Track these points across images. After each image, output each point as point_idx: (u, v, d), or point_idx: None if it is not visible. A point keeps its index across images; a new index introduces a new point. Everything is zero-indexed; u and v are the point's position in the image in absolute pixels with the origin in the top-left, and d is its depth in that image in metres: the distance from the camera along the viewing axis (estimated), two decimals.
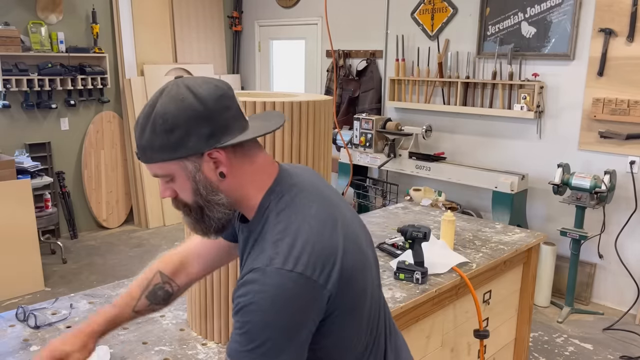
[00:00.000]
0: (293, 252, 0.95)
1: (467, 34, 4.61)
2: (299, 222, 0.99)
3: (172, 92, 0.98)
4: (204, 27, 6.24)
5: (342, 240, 1.01)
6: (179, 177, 1.01)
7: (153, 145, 0.97)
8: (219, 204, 1.02)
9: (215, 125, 0.97)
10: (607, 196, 3.69)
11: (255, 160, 1.04)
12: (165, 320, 1.71)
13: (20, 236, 4.06)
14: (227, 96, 1.00)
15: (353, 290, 1.02)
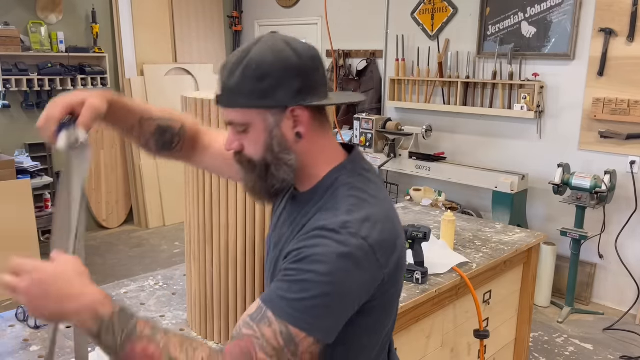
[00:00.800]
0: (366, 224, 0.93)
1: (467, 34, 4.60)
2: (370, 202, 0.98)
3: (269, 43, 0.96)
4: (204, 27, 6.24)
5: (400, 235, 1.02)
6: (255, 128, 0.98)
7: (241, 89, 0.95)
8: (287, 164, 0.99)
9: (305, 83, 0.96)
10: (607, 196, 3.69)
11: (328, 134, 1.04)
12: (165, 321, 1.71)
13: (20, 236, 4.06)
14: (318, 58, 1.00)
15: (395, 285, 1.03)
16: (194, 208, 1.58)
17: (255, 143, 0.99)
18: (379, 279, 0.95)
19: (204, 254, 1.58)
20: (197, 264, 1.61)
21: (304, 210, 1.03)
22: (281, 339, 0.88)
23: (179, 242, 5.30)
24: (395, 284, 1.02)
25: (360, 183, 1.01)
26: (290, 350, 0.89)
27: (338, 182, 1.01)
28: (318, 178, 1.02)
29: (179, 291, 1.93)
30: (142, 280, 2.02)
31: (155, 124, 1.20)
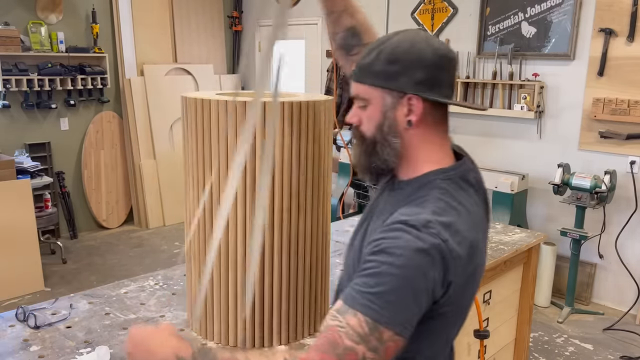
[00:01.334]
0: (447, 230, 0.96)
1: (467, 34, 4.60)
2: (459, 212, 1.00)
3: (411, 34, 1.05)
4: (204, 27, 6.24)
5: (479, 252, 1.03)
6: (373, 106, 1.06)
7: (371, 68, 1.04)
8: (391, 146, 1.05)
9: (428, 77, 1.02)
10: (607, 196, 3.69)
11: (440, 134, 1.08)
12: (165, 320, 1.71)
13: (20, 236, 4.06)
14: (451, 62, 1.05)
15: (462, 298, 1.04)
16: (194, 208, 1.58)
17: (369, 120, 1.07)
18: (445, 285, 0.97)
19: (204, 254, 1.58)
20: (197, 264, 1.61)
21: (394, 200, 1.08)
22: (366, 327, 0.91)
23: (179, 242, 5.30)
24: (463, 296, 1.03)
25: (455, 192, 1.03)
26: (375, 338, 0.92)
27: (434, 184, 1.03)
28: (417, 173, 1.07)
29: (179, 291, 1.93)
30: (142, 280, 2.02)
31: (351, 23, 1.32)
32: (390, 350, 0.94)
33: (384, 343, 0.92)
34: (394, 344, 0.94)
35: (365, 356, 0.92)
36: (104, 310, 1.77)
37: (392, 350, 0.94)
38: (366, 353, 0.91)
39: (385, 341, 0.93)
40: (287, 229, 1.53)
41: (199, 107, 1.49)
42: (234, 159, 1.20)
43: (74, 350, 1.52)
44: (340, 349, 0.91)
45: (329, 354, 0.91)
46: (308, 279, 1.62)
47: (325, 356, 0.91)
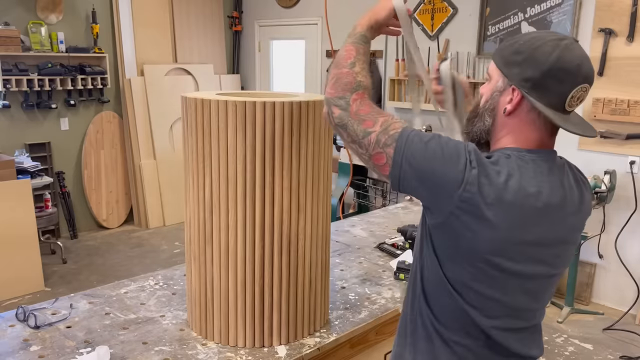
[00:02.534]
0: (491, 166, 1.08)
1: (467, 34, 4.61)
2: (510, 167, 1.10)
3: (550, 37, 1.11)
4: (203, 27, 6.24)
5: (522, 196, 1.09)
6: (491, 83, 1.18)
7: (503, 52, 1.15)
8: (484, 121, 1.18)
9: (536, 78, 1.09)
10: (607, 196, 3.69)
11: (535, 137, 1.16)
12: (165, 320, 1.71)
13: (20, 236, 4.06)
14: (572, 76, 1.09)
15: (483, 235, 1.08)
16: (194, 208, 1.58)
17: (484, 94, 1.20)
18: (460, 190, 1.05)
19: (204, 254, 1.58)
20: (197, 264, 1.61)
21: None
22: (393, 131, 1.12)
23: (179, 242, 5.31)
24: (461, 236, 1.09)
25: (519, 166, 1.11)
26: (385, 140, 1.11)
27: (502, 152, 1.14)
28: (495, 149, 1.19)
29: (179, 291, 1.93)
30: (142, 280, 2.03)
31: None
32: (380, 159, 1.12)
33: (384, 148, 1.11)
34: (385, 160, 1.11)
35: (371, 135, 1.13)
36: (104, 310, 1.77)
37: (381, 162, 1.12)
38: (373, 134, 1.13)
39: (386, 151, 1.11)
40: (287, 229, 1.53)
41: (199, 107, 1.49)
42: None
43: (74, 350, 1.52)
44: (375, 116, 1.15)
45: (370, 108, 1.17)
46: (308, 279, 1.62)
47: (367, 107, 1.17)
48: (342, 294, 1.90)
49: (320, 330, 1.67)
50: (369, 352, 1.79)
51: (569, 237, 1.19)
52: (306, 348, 1.56)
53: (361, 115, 1.15)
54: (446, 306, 1.17)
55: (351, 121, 1.15)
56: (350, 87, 1.19)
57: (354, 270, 2.12)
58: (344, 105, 1.17)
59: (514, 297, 1.15)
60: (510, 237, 1.09)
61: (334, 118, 1.18)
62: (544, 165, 1.16)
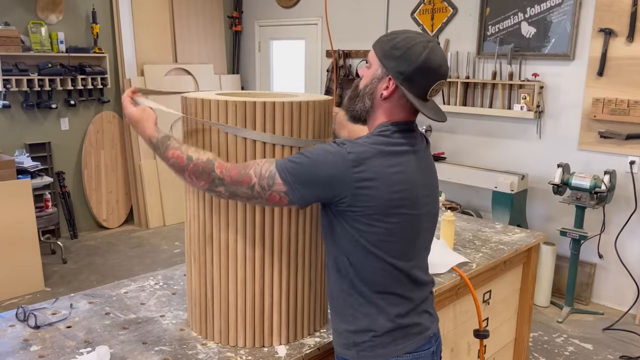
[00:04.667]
0: (356, 153, 1.30)
1: (467, 34, 4.61)
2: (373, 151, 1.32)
3: (423, 40, 1.35)
4: (204, 27, 6.24)
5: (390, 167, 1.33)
6: (371, 70, 1.41)
7: (384, 45, 1.38)
8: (363, 102, 1.42)
9: (408, 72, 1.33)
10: (607, 196, 3.69)
11: (404, 112, 1.40)
12: (165, 320, 1.72)
13: (20, 236, 4.07)
14: (434, 73, 1.34)
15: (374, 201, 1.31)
16: (194, 208, 1.58)
17: (365, 78, 1.42)
18: (347, 180, 1.28)
19: (204, 254, 1.58)
20: (197, 264, 1.61)
21: None
22: (268, 174, 1.32)
23: (179, 242, 5.31)
24: (372, 200, 1.30)
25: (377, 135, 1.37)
26: (268, 182, 1.31)
27: (373, 132, 1.39)
28: (372, 128, 1.42)
29: (179, 291, 1.93)
30: (142, 280, 2.03)
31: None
32: (274, 198, 1.32)
33: (272, 189, 1.31)
34: (279, 196, 1.32)
35: (255, 186, 1.32)
36: (104, 310, 1.77)
37: (276, 199, 1.33)
38: (257, 184, 1.32)
39: (274, 190, 1.31)
40: (287, 229, 1.53)
41: (199, 107, 1.49)
42: None
43: (74, 350, 1.52)
44: (245, 171, 1.33)
45: (237, 168, 1.35)
46: (308, 279, 1.62)
47: (234, 168, 1.35)
48: None
49: (320, 330, 1.67)
50: None
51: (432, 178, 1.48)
52: (306, 348, 1.56)
53: (235, 178, 1.34)
54: (376, 270, 1.38)
55: (233, 188, 1.34)
56: (207, 168, 1.36)
57: None
58: (219, 182, 1.35)
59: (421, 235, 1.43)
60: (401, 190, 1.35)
61: (224, 195, 1.38)
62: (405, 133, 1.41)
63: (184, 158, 1.38)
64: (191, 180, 1.39)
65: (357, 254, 1.37)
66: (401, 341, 1.40)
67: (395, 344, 1.40)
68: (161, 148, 1.43)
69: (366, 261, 1.36)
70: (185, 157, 1.37)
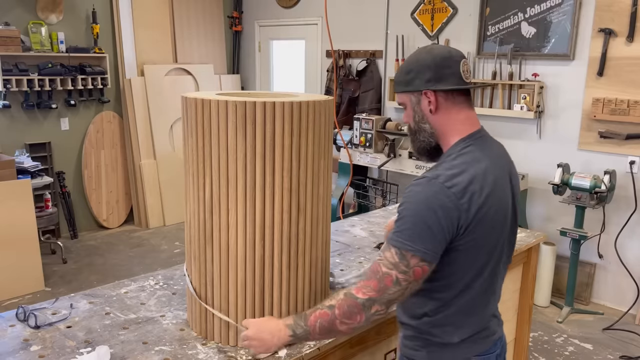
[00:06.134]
0: (452, 180, 1.29)
1: (467, 34, 4.61)
2: (464, 169, 1.32)
3: (419, 50, 1.42)
4: (204, 27, 6.24)
5: (476, 187, 1.31)
6: (407, 106, 1.45)
7: (397, 80, 1.45)
8: (425, 130, 1.43)
9: (434, 75, 1.37)
10: (607, 196, 3.69)
11: (461, 112, 1.40)
12: (165, 320, 1.72)
13: (21, 236, 4.07)
14: (452, 59, 1.38)
15: (478, 233, 1.31)
16: (194, 208, 1.58)
17: (409, 117, 1.46)
18: (456, 222, 1.27)
19: (204, 254, 1.58)
20: (197, 264, 1.61)
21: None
22: (396, 256, 1.28)
23: (179, 242, 5.31)
24: (475, 233, 1.30)
25: (468, 153, 1.36)
26: (404, 264, 1.28)
27: (452, 149, 1.39)
28: (449, 144, 1.41)
29: (179, 291, 1.93)
30: (142, 280, 2.03)
31: None
32: (418, 273, 1.28)
33: (411, 267, 1.27)
34: (421, 268, 1.28)
35: (398, 278, 1.28)
36: (104, 310, 1.77)
37: (420, 273, 1.29)
38: (398, 275, 1.28)
39: (412, 266, 1.27)
40: (287, 229, 1.53)
41: (199, 107, 1.49)
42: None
43: (74, 350, 1.52)
44: (379, 274, 1.29)
45: (371, 279, 1.30)
46: (308, 279, 1.62)
47: (370, 281, 1.30)
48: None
49: None
50: (369, 352, 1.79)
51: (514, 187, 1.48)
52: (306, 348, 1.56)
53: (378, 286, 1.29)
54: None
55: (385, 296, 1.30)
56: (350, 301, 1.32)
57: (354, 270, 2.12)
58: (370, 302, 1.31)
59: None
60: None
61: (382, 311, 1.32)
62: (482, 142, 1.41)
63: (326, 312, 1.35)
64: (347, 326, 1.34)
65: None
66: (471, 344, 1.44)
67: (465, 347, 1.44)
68: (303, 330, 1.39)
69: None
70: (327, 308, 1.35)
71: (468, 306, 1.41)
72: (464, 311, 1.41)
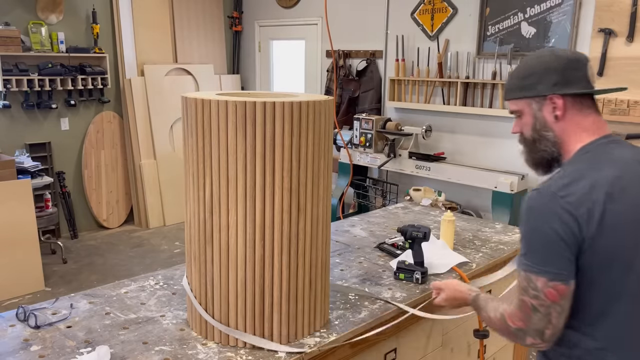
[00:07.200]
0: (566, 190, 1.20)
1: (467, 34, 4.61)
2: (581, 173, 1.23)
3: (538, 52, 1.35)
4: (204, 27, 6.24)
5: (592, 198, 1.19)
6: (525, 114, 1.35)
7: (512, 86, 1.36)
8: (547, 138, 1.33)
9: (561, 78, 1.28)
10: None
11: (588, 117, 1.31)
12: (165, 320, 1.72)
13: (21, 236, 4.07)
14: (579, 61, 1.30)
15: (604, 244, 1.19)
16: (194, 208, 1.58)
17: (526, 125, 1.36)
18: (578, 234, 1.17)
19: (204, 254, 1.58)
20: (197, 264, 1.61)
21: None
22: (524, 281, 1.22)
23: (179, 242, 5.31)
24: (599, 244, 1.18)
25: (583, 160, 1.27)
26: (532, 287, 1.21)
27: (575, 157, 1.29)
28: (571, 153, 1.31)
29: (179, 291, 1.93)
30: (142, 280, 2.03)
31: None
32: (552, 295, 1.19)
33: (540, 290, 1.19)
34: (553, 289, 1.19)
35: (532, 303, 1.21)
36: (104, 310, 1.77)
37: (555, 295, 1.19)
38: (532, 301, 1.21)
39: (541, 289, 1.19)
40: (287, 229, 1.53)
41: (199, 107, 1.49)
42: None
43: (74, 350, 1.52)
44: (518, 301, 1.24)
45: (516, 306, 1.25)
46: (308, 279, 1.62)
47: (516, 309, 1.25)
48: (342, 294, 1.91)
49: (320, 330, 1.67)
50: (369, 352, 1.79)
51: None
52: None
53: (522, 316, 1.24)
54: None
55: (532, 326, 1.22)
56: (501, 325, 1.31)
57: (354, 270, 2.12)
58: (522, 333, 1.25)
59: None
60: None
61: (541, 343, 1.25)
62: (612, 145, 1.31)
63: (496, 316, 1.34)
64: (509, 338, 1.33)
65: None
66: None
67: None
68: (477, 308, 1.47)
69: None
70: (497, 312, 1.34)
71: (610, 338, 1.24)
72: (608, 345, 1.24)
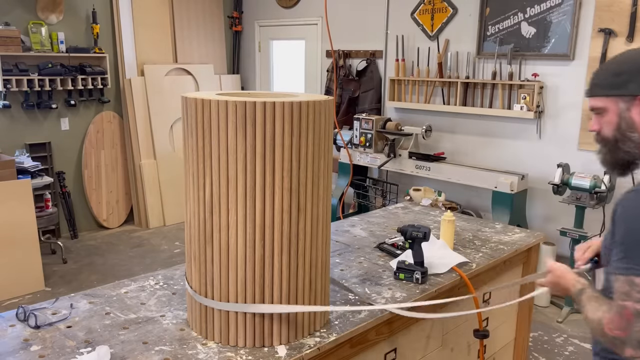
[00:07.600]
0: None
1: (467, 34, 4.61)
2: None
3: (631, 50, 1.29)
4: (204, 27, 6.24)
5: None
6: (609, 112, 1.31)
7: (600, 83, 1.31)
8: (632, 140, 1.29)
9: None
10: (607, 196, 3.69)
11: None
12: (166, 320, 1.72)
13: (21, 236, 4.07)
14: None
15: None
16: (194, 208, 1.58)
17: (608, 124, 1.33)
18: None
19: (204, 253, 1.58)
20: (197, 264, 1.61)
21: None
22: (626, 285, 1.18)
23: (179, 242, 5.31)
24: None
25: None
26: (636, 291, 1.16)
27: None
28: None
29: (179, 291, 1.93)
30: (142, 280, 2.03)
31: None
32: None
33: None
34: None
35: (636, 308, 1.15)
36: (104, 310, 1.78)
37: None
38: (636, 306, 1.15)
39: None
40: (287, 229, 1.53)
41: (199, 107, 1.49)
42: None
43: (74, 350, 1.52)
44: (617, 307, 1.19)
45: (614, 313, 1.19)
46: (308, 279, 1.62)
47: (614, 316, 1.19)
48: (342, 294, 1.91)
49: (320, 330, 1.67)
50: (369, 352, 1.79)
51: None
52: (306, 348, 1.56)
53: (621, 324, 1.19)
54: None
55: (634, 335, 1.17)
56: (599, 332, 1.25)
57: (354, 270, 2.12)
58: (621, 343, 1.19)
59: None
60: None
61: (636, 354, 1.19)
62: None
63: (600, 316, 1.25)
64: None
65: None
66: None
67: None
68: (578, 303, 1.38)
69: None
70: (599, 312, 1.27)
71: None
72: None
